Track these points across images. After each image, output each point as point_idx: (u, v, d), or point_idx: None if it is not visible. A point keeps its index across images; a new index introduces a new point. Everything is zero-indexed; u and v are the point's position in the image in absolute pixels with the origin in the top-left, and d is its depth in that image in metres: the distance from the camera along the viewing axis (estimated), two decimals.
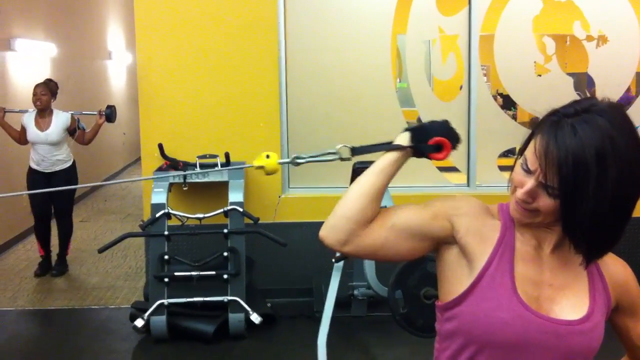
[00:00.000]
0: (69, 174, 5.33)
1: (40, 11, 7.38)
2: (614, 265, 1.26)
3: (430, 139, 1.26)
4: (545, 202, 1.12)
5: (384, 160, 1.25)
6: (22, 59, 6.72)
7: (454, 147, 1.27)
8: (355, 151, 1.35)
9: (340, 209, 1.21)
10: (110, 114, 5.26)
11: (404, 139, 1.27)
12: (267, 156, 1.40)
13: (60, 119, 5.24)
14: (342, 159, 1.36)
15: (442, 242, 1.24)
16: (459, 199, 1.26)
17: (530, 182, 1.13)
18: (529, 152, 1.14)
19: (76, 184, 5.41)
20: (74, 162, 5.42)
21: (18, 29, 6.60)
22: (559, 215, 1.12)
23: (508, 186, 1.21)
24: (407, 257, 1.26)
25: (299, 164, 1.39)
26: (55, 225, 5.48)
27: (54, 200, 5.35)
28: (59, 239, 5.46)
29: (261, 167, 1.39)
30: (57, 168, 5.25)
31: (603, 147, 1.06)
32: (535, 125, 1.15)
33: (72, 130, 5.30)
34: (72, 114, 5.33)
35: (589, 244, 1.13)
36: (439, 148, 1.27)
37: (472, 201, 1.26)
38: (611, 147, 1.06)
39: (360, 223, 1.20)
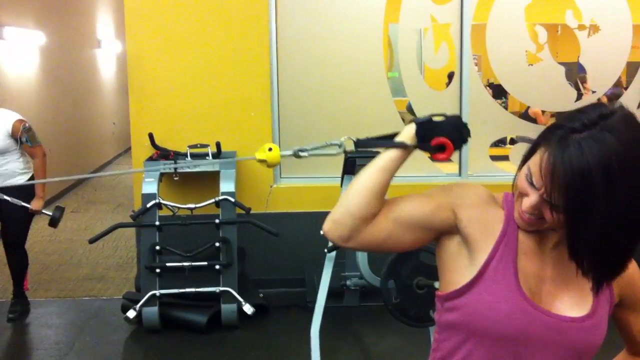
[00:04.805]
0: (26, 196, 4.11)
1: None
2: None
3: (434, 138, 1.21)
4: (550, 215, 1.10)
5: (387, 158, 1.20)
6: (10, 48, 6.65)
7: (457, 147, 1.22)
8: (358, 145, 1.28)
9: (344, 205, 1.17)
10: (55, 219, 4.25)
11: (408, 132, 1.22)
12: (270, 149, 1.32)
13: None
14: (345, 152, 1.31)
15: (445, 232, 1.21)
16: (464, 187, 1.23)
17: (534, 197, 1.11)
18: (534, 166, 1.10)
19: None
20: (32, 178, 4.19)
21: (6, 17, 6.52)
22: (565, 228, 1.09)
23: (513, 186, 1.18)
24: (410, 248, 1.24)
25: (301, 156, 1.31)
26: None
27: (3, 228, 4.23)
28: (11, 274, 4.37)
29: (263, 161, 1.31)
30: (9, 183, 4.06)
31: (611, 168, 1.01)
32: (541, 136, 1.11)
33: (17, 139, 4.06)
34: (19, 119, 4.07)
35: (597, 268, 1.10)
36: (441, 148, 1.22)
37: (478, 190, 1.23)
38: (619, 168, 1.01)
39: (364, 219, 1.16)
